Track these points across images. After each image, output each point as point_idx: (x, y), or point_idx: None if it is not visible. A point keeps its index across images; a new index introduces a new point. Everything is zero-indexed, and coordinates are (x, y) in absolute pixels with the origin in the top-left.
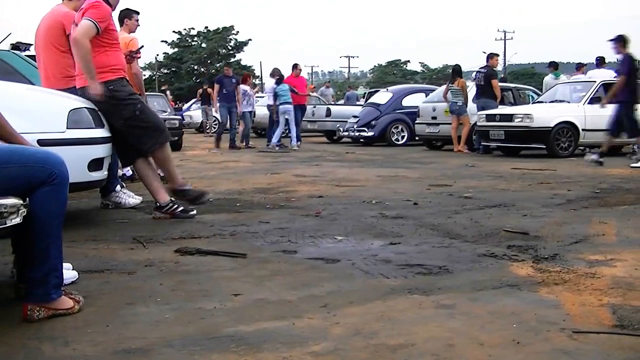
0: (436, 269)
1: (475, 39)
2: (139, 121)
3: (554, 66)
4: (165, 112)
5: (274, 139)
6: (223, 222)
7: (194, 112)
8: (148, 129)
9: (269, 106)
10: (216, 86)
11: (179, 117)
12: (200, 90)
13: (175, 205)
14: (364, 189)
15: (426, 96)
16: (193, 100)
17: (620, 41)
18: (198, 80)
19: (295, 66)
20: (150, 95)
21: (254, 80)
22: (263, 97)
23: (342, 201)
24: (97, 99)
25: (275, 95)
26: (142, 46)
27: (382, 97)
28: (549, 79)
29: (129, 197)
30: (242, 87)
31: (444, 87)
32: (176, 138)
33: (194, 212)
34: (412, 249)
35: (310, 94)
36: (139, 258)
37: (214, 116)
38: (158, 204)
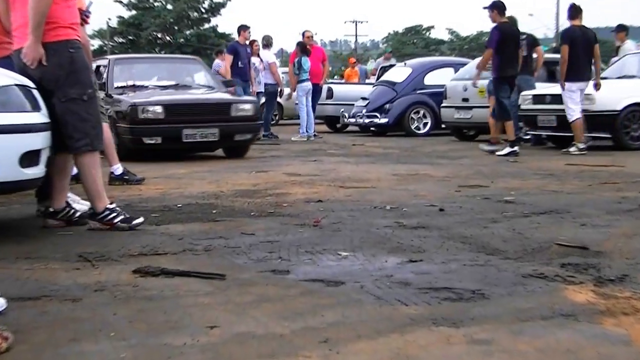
0: (468, 294)
1: None
2: (82, 108)
3: (622, 30)
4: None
5: (308, 129)
6: (195, 233)
7: None
8: (87, 122)
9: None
10: (228, 57)
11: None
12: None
13: (114, 214)
14: (376, 191)
15: (455, 72)
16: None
17: (495, 8)
18: (162, 52)
19: (304, 33)
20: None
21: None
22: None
23: (347, 207)
24: (33, 65)
25: (298, 71)
26: (91, 2)
27: (399, 73)
28: (629, 45)
29: (75, 202)
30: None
31: (478, 60)
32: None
33: (141, 219)
34: (438, 267)
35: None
36: (86, 281)
37: None
38: (92, 211)
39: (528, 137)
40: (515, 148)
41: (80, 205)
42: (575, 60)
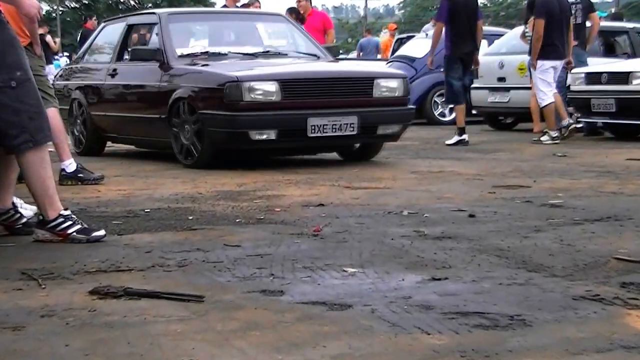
0: (505, 320)
1: None
2: (12, 98)
3: None
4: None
5: None
6: (167, 245)
7: None
8: (23, 113)
9: None
10: None
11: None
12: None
13: (68, 222)
14: (390, 192)
15: (489, 45)
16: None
17: None
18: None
19: None
20: None
21: None
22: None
23: (354, 212)
24: None
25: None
26: None
27: (419, 46)
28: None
29: (20, 207)
30: None
31: (518, 29)
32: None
33: (102, 232)
34: (467, 287)
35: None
36: (31, 304)
37: None
38: (41, 217)
39: (580, 125)
40: (464, 136)
41: (25, 210)
42: (550, 35)
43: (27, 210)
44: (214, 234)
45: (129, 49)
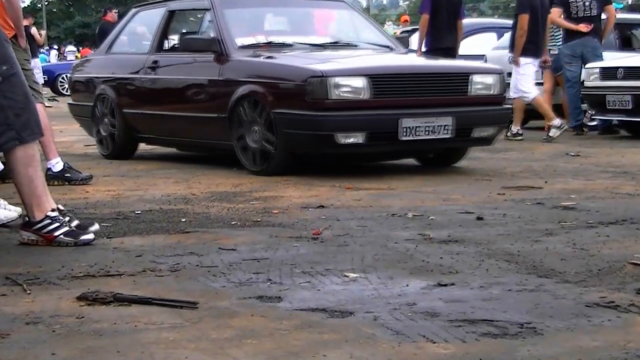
0: (515, 328)
1: None
2: None
3: None
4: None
5: None
6: (158, 248)
7: None
8: (8, 109)
9: None
10: None
11: None
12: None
13: (55, 224)
14: (393, 193)
15: (499, 38)
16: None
17: None
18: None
19: None
20: None
21: None
22: None
23: (356, 214)
24: None
25: None
26: None
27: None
28: None
29: (4, 209)
30: None
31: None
32: None
33: (91, 236)
34: (475, 293)
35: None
36: (15, 310)
37: None
38: (27, 219)
39: (594, 123)
40: None
41: (9, 211)
42: (534, 31)
43: (11, 211)
44: (208, 237)
45: (180, 39)
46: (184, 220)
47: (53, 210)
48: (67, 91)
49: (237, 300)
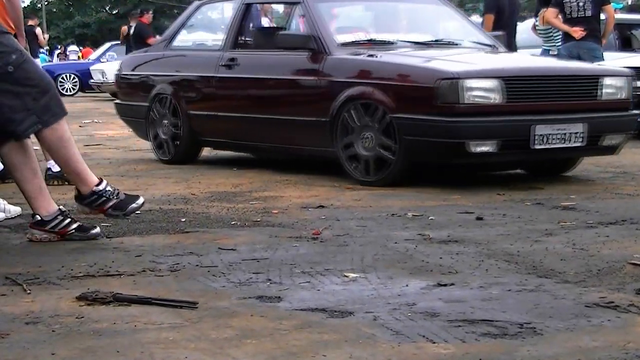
0: (514, 328)
1: None
2: (11, 82)
3: None
4: None
5: None
6: (158, 248)
7: (111, 66)
8: (26, 96)
9: None
10: None
11: None
12: (125, 29)
13: (67, 220)
14: (393, 193)
15: None
16: (108, 44)
17: None
18: (115, 12)
19: None
20: None
21: None
22: None
23: (356, 214)
24: None
25: None
26: None
27: None
28: None
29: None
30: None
31: (529, 22)
32: None
33: (97, 230)
34: (474, 294)
35: None
36: (15, 310)
37: None
38: (37, 217)
39: None
40: None
41: (8, 213)
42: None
43: (10, 212)
44: (208, 237)
45: (276, 35)
46: (183, 220)
47: (98, 184)
48: (67, 91)
49: (237, 300)
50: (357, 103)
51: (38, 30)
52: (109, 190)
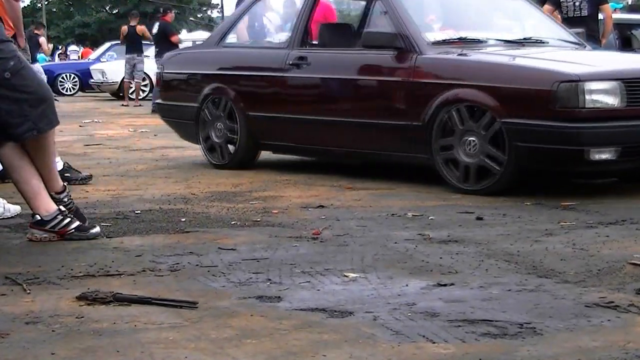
0: (514, 328)
1: None
2: (9, 88)
3: None
4: None
5: None
6: (158, 248)
7: (111, 65)
8: (24, 102)
9: None
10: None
11: None
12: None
13: (67, 220)
14: (393, 193)
15: None
16: (108, 44)
17: None
18: (115, 12)
19: None
20: None
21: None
22: None
23: (356, 214)
24: None
25: None
26: None
27: None
28: None
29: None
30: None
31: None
32: None
33: (97, 229)
34: (474, 294)
35: None
36: (15, 310)
37: (145, 72)
38: (37, 217)
39: None
40: None
41: (7, 211)
42: None
43: (10, 211)
44: (208, 237)
45: (363, 32)
46: (183, 220)
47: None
48: (67, 91)
49: (236, 300)
50: (459, 106)
51: (42, 40)
52: (70, 213)
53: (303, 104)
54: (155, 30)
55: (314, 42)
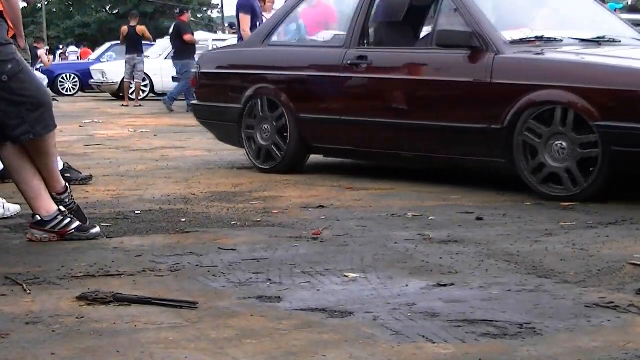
0: (514, 329)
1: None
2: (5, 92)
3: None
4: None
5: None
6: (158, 248)
7: (111, 66)
8: (21, 105)
9: None
10: (246, 17)
11: None
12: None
13: (67, 220)
14: (393, 193)
15: None
16: (108, 44)
17: None
18: (115, 12)
19: None
20: None
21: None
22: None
23: (356, 214)
24: None
25: None
26: None
27: None
28: None
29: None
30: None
31: None
32: None
33: (97, 229)
34: (474, 294)
35: None
36: (15, 310)
37: (145, 73)
38: (37, 217)
39: None
40: None
41: (7, 211)
42: None
43: (10, 211)
44: (208, 237)
45: (437, 31)
46: (183, 220)
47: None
48: (67, 91)
49: (236, 300)
50: (544, 109)
51: (41, 52)
52: (70, 214)
53: (364, 106)
54: (171, 30)
55: (372, 41)
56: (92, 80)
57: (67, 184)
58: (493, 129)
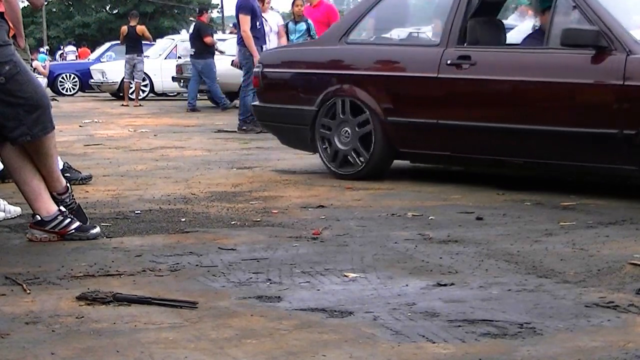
0: (514, 328)
1: None
2: (3, 93)
3: None
4: None
5: None
6: (158, 248)
7: (111, 65)
8: (18, 107)
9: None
10: (246, 17)
11: None
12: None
13: (67, 220)
14: (393, 193)
15: None
16: (108, 44)
17: None
18: (115, 12)
19: None
20: None
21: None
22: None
23: (356, 214)
24: None
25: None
26: None
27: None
28: None
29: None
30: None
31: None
32: None
33: (97, 229)
34: (474, 294)
35: None
36: (15, 310)
37: (145, 72)
38: (37, 217)
39: None
40: None
41: (7, 212)
42: None
43: (10, 212)
44: (208, 237)
45: (563, 30)
46: (183, 220)
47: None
48: (67, 91)
49: (236, 300)
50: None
51: (36, 63)
52: (70, 214)
53: (467, 109)
54: (190, 30)
55: (471, 40)
56: (92, 80)
57: (68, 184)
58: (625, 135)
